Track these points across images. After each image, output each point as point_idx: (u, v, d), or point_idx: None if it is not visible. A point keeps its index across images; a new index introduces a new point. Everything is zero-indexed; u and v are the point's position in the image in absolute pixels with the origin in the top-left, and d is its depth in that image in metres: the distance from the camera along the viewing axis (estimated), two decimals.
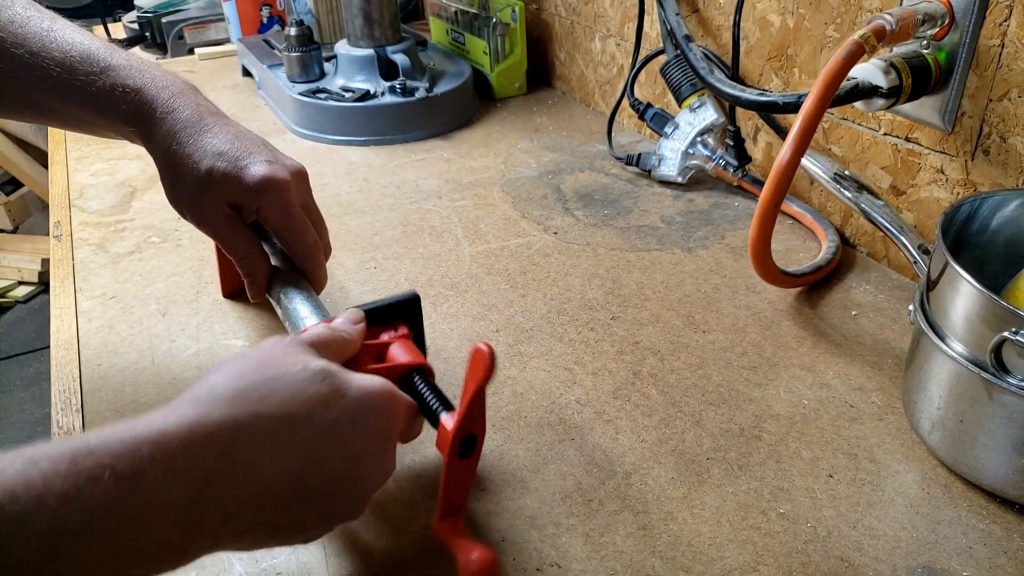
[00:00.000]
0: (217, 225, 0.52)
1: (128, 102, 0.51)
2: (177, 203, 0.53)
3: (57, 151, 0.97)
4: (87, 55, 0.51)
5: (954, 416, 0.45)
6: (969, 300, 0.42)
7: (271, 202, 0.51)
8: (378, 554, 0.43)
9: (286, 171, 0.52)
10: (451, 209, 0.80)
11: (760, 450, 0.49)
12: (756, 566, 0.41)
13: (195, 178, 0.51)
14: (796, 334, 0.59)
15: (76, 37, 0.52)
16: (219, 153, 0.51)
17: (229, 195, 0.51)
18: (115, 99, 0.51)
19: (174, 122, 0.51)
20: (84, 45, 0.52)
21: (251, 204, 0.51)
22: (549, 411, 0.53)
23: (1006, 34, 0.54)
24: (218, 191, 0.51)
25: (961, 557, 0.41)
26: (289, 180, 0.52)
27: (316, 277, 0.54)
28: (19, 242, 2.39)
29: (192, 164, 0.51)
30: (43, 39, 0.51)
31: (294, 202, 0.52)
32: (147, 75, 0.52)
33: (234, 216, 0.53)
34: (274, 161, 0.52)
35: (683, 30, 0.76)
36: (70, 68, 0.51)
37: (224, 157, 0.51)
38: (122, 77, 0.51)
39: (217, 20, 1.34)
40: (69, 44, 0.51)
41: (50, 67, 0.50)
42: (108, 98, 0.51)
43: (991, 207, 0.50)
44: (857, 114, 0.68)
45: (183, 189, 0.52)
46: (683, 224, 0.76)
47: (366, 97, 0.98)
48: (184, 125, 0.51)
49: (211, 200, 0.51)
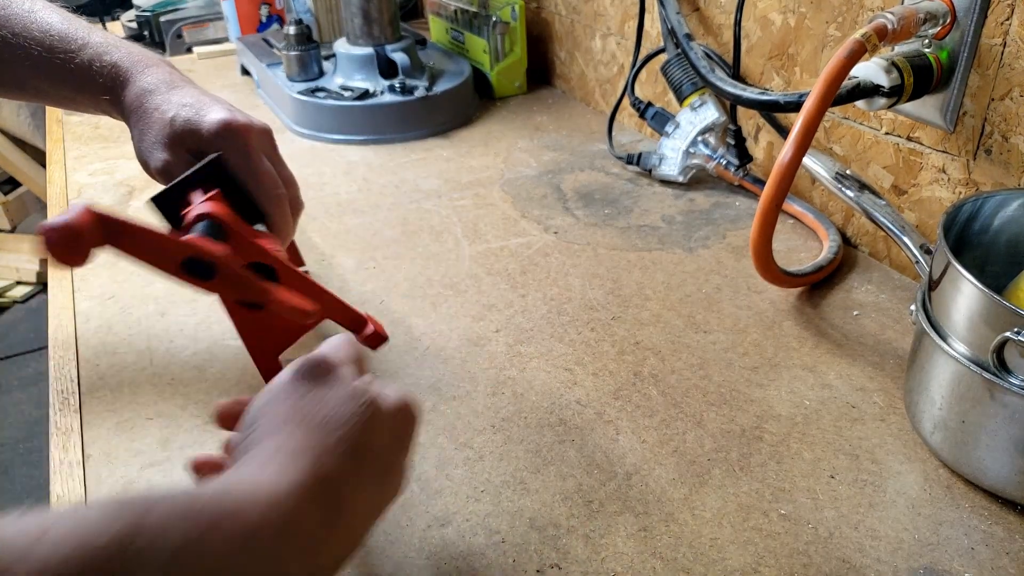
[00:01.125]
0: (177, 175, 0.52)
1: (104, 75, 0.54)
2: (141, 154, 0.54)
3: (55, 150, 0.97)
4: (65, 34, 0.54)
5: (956, 417, 0.44)
6: (971, 300, 0.42)
7: (230, 146, 0.51)
8: (378, 555, 0.42)
9: (247, 119, 0.53)
10: (451, 209, 0.80)
11: (761, 451, 0.49)
12: (757, 567, 0.41)
13: (159, 127, 0.52)
14: (798, 334, 0.59)
15: (54, 17, 0.55)
16: (184, 104, 0.52)
17: (190, 142, 0.52)
18: (92, 74, 0.54)
19: (145, 84, 0.53)
20: (63, 25, 0.54)
21: (211, 150, 0.52)
22: (549, 412, 0.52)
23: (1008, 33, 0.54)
24: (179, 140, 0.52)
25: (963, 558, 0.41)
26: (248, 125, 0.52)
27: (278, 226, 0.53)
28: (17, 242, 2.39)
29: (158, 115, 0.52)
30: (24, 20, 0.54)
31: (254, 147, 0.52)
32: (123, 50, 0.55)
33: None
34: (236, 111, 0.53)
35: (684, 29, 0.76)
36: (50, 47, 0.53)
37: (188, 107, 0.52)
38: (99, 53, 0.54)
39: (216, 19, 1.34)
40: (48, 24, 0.54)
41: (31, 47, 0.53)
42: (86, 74, 0.54)
43: (993, 207, 0.50)
44: (859, 113, 0.68)
45: (148, 139, 0.53)
46: (684, 224, 0.76)
47: (365, 96, 0.98)
48: (154, 87, 0.53)
49: (172, 150, 0.52)
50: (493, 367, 0.57)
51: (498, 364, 0.57)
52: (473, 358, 0.58)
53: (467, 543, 0.43)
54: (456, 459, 0.49)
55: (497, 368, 0.57)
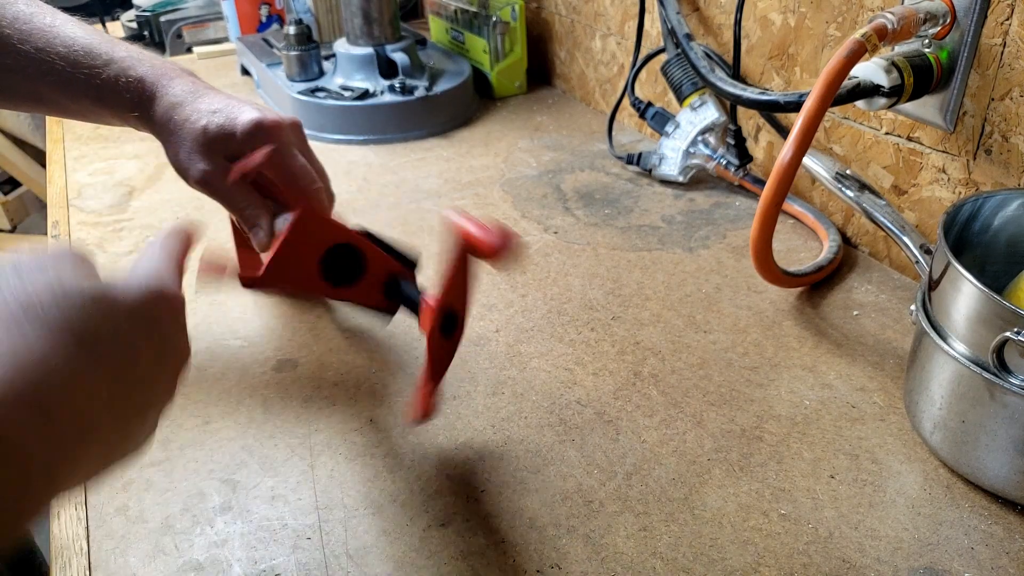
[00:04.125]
0: (217, 183, 0.53)
1: (131, 91, 0.54)
2: (179, 166, 0.54)
3: (55, 151, 0.97)
4: (89, 49, 0.53)
5: (956, 416, 0.44)
6: (971, 300, 0.42)
7: (264, 144, 0.52)
8: (378, 555, 0.42)
9: (277, 116, 0.53)
10: (451, 208, 0.80)
11: (761, 451, 0.49)
12: (757, 567, 0.41)
13: (192, 137, 0.52)
14: (797, 334, 0.59)
15: (78, 32, 0.54)
16: (214, 111, 0.53)
17: (225, 148, 0.52)
18: (119, 89, 0.53)
19: (172, 97, 0.54)
20: (86, 39, 0.54)
21: (246, 152, 0.52)
22: (549, 412, 0.52)
23: (1008, 33, 0.54)
24: (214, 147, 0.52)
25: (963, 558, 0.41)
26: (280, 122, 0.53)
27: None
28: (17, 242, 2.39)
29: (189, 125, 0.53)
30: (47, 35, 0.53)
31: (287, 143, 0.53)
32: (146, 64, 0.55)
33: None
34: (265, 109, 0.53)
35: (684, 28, 0.76)
36: (74, 62, 0.53)
37: (219, 113, 0.52)
38: (124, 68, 0.54)
39: (216, 19, 1.34)
40: (72, 39, 0.53)
41: (55, 62, 0.53)
42: (112, 89, 0.53)
43: (993, 207, 0.50)
44: (859, 113, 0.68)
45: (184, 151, 0.53)
46: (684, 223, 0.76)
47: (365, 96, 0.98)
48: (182, 98, 0.53)
49: (209, 157, 0.52)
50: (493, 367, 0.57)
51: (498, 364, 0.57)
52: (473, 358, 0.58)
53: (467, 543, 0.43)
54: (456, 459, 0.49)
55: (497, 368, 0.57)
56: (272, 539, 0.43)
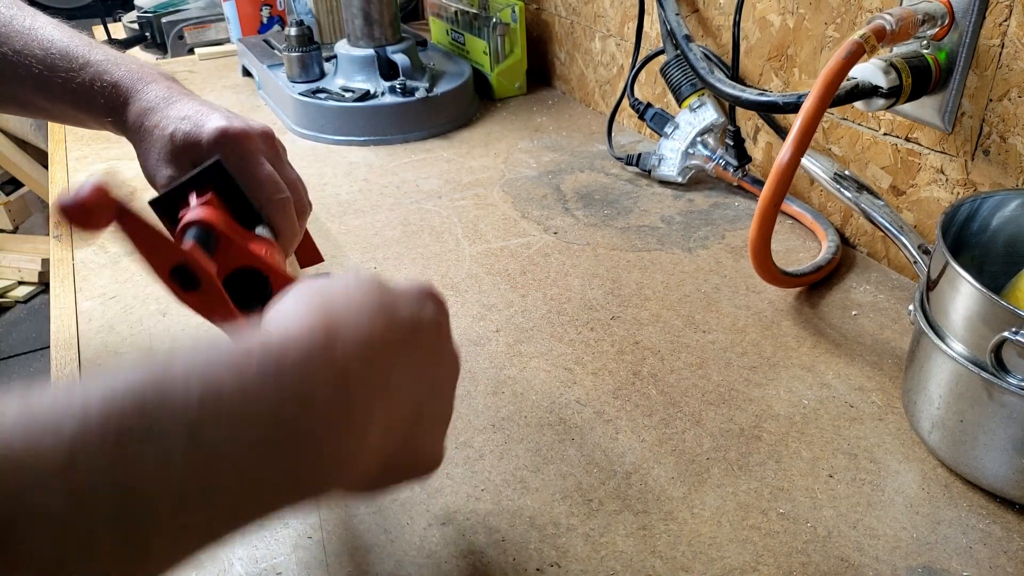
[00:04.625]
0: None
1: (106, 95, 0.53)
2: (147, 173, 0.54)
3: (57, 151, 0.97)
4: (66, 52, 0.53)
5: (954, 416, 0.45)
6: (969, 300, 0.42)
7: (230, 153, 0.50)
8: (378, 554, 0.43)
9: (245, 124, 0.52)
10: (451, 209, 0.80)
11: (760, 450, 0.49)
12: (756, 566, 0.41)
13: (161, 144, 0.52)
14: (796, 334, 0.59)
15: (56, 34, 0.54)
16: (183, 117, 0.52)
17: (192, 155, 0.51)
18: (94, 93, 0.53)
19: (145, 103, 0.53)
20: (64, 42, 0.53)
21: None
22: (549, 411, 0.53)
23: (1006, 34, 0.54)
24: (181, 154, 0.51)
25: (961, 557, 0.41)
26: (247, 131, 0.51)
27: (281, 230, 0.52)
28: (19, 242, 2.39)
29: (159, 132, 0.52)
30: (25, 37, 0.53)
31: (252, 151, 0.51)
32: (123, 68, 0.54)
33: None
34: (233, 117, 0.52)
35: (683, 30, 0.76)
36: (51, 65, 0.52)
37: (187, 120, 0.51)
38: (100, 72, 0.53)
39: (217, 20, 1.34)
40: (49, 41, 0.53)
41: (32, 64, 0.52)
42: (88, 93, 0.53)
43: (991, 207, 0.50)
44: (857, 114, 0.68)
45: (152, 158, 0.52)
46: (683, 224, 0.76)
47: (366, 97, 0.98)
48: (154, 104, 0.53)
49: (177, 165, 0.52)
50: (493, 366, 0.57)
51: (498, 363, 0.57)
52: (473, 357, 0.58)
53: (467, 542, 0.43)
54: (456, 458, 0.49)
55: (497, 367, 0.57)
56: (273, 538, 0.44)
